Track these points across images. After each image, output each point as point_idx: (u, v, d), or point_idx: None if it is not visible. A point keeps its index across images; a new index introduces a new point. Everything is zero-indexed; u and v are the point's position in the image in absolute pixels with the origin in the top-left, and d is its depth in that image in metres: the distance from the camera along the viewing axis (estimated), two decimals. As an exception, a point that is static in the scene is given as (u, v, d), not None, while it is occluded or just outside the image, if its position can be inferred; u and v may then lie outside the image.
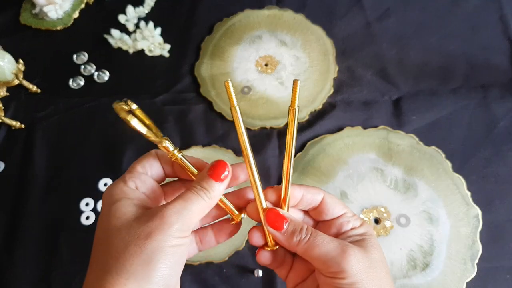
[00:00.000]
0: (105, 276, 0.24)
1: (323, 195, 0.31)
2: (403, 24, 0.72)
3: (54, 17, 0.75)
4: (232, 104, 0.28)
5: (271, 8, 0.75)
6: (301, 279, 0.32)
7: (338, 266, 0.26)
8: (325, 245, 0.27)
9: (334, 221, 0.30)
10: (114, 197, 0.27)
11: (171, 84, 0.68)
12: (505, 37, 0.70)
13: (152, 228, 0.25)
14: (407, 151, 0.60)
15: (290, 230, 0.29)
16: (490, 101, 0.64)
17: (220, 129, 0.64)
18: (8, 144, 0.64)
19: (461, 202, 0.56)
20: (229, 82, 0.28)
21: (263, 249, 0.31)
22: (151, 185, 0.30)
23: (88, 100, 0.67)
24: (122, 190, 0.28)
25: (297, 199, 0.30)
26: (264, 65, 0.69)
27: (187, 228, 0.26)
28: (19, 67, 0.65)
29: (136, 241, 0.24)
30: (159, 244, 0.24)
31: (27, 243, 0.56)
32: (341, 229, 0.30)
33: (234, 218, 0.32)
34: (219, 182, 0.28)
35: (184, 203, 0.27)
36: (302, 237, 0.28)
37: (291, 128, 0.29)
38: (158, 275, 0.24)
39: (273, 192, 0.31)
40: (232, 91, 0.28)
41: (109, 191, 0.28)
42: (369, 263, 0.27)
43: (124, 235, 0.25)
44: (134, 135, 0.65)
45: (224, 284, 0.53)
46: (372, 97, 0.66)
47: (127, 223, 0.26)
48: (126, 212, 0.26)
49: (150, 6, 0.77)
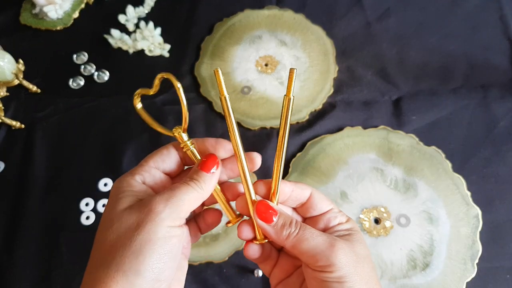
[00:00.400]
0: (98, 268, 0.24)
1: (311, 191, 0.31)
2: (403, 24, 0.72)
3: (54, 17, 0.75)
4: (222, 93, 0.29)
5: (271, 8, 0.75)
6: (285, 275, 0.32)
7: (327, 260, 0.27)
8: (314, 238, 0.28)
9: (322, 217, 0.31)
10: (119, 190, 0.28)
11: (171, 84, 0.68)
12: (505, 37, 0.70)
13: (141, 218, 0.25)
14: (407, 151, 0.60)
15: (280, 223, 0.29)
16: (490, 101, 0.64)
17: (220, 129, 0.64)
18: (8, 144, 0.64)
19: (461, 202, 0.56)
20: (219, 70, 0.28)
21: (251, 242, 0.31)
22: (160, 179, 0.30)
23: (88, 100, 0.67)
24: (129, 183, 0.28)
25: (286, 195, 0.30)
26: (264, 65, 0.69)
27: (176, 217, 0.26)
28: (19, 67, 0.65)
29: (127, 233, 0.25)
30: (149, 236, 0.24)
31: (27, 243, 0.56)
32: (328, 224, 0.30)
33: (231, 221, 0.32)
34: (209, 174, 0.28)
35: (172, 191, 0.27)
36: (291, 230, 0.28)
37: (284, 118, 0.29)
38: (147, 268, 0.24)
39: (263, 185, 0.31)
40: (222, 79, 0.28)
41: (116, 184, 0.28)
42: (356, 258, 0.27)
43: (117, 227, 0.25)
44: (134, 135, 0.65)
45: (224, 284, 0.53)
46: (372, 97, 0.66)
47: (120, 214, 0.26)
48: (123, 204, 0.26)
49: (150, 6, 0.77)
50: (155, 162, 0.30)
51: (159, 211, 0.25)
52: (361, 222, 0.55)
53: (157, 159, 0.30)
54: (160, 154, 0.30)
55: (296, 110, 0.64)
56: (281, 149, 0.30)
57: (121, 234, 0.25)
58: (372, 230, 0.54)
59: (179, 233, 0.26)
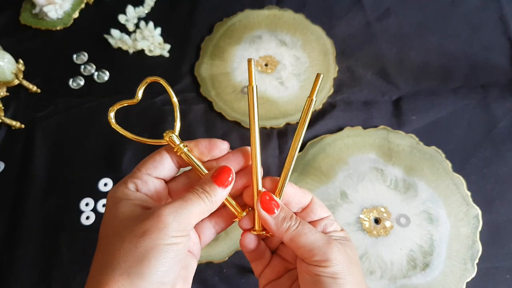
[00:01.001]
0: (102, 272, 0.25)
1: (312, 196, 0.32)
2: (403, 24, 0.72)
3: (54, 17, 0.75)
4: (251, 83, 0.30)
5: (271, 8, 0.75)
6: (275, 277, 0.33)
7: (323, 255, 0.28)
8: (312, 234, 0.29)
9: (320, 222, 0.32)
10: (115, 199, 0.28)
11: (171, 84, 0.67)
12: (505, 37, 0.70)
13: (148, 226, 0.25)
14: (407, 151, 0.60)
15: (281, 215, 0.30)
16: (490, 101, 0.64)
17: (220, 129, 0.64)
18: (8, 144, 0.64)
19: (461, 202, 0.56)
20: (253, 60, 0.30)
21: (249, 231, 0.32)
22: (154, 185, 0.30)
23: (88, 100, 0.67)
24: (123, 192, 0.28)
25: (290, 196, 0.31)
26: (264, 65, 0.69)
27: (183, 228, 0.26)
28: (19, 67, 0.65)
29: (132, 239, 0.25)
30: (154, 242, 0.25)
31: (27, 243, 0.56)
32: (325, 229, 0.31)
33: (237, 216, 0.32)
34: (222, 188, 0.29)
35: (183, 203, 0.27)
36: (291, 224, 0.29)
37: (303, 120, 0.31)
38: (152, 272, 0.25)
39: (271, 182, 0.32)
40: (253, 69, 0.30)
41: (110, 193, 0.29)
42: (349, 259, 0.29)
43: (121, 233, 0.26)
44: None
45: (224, 284, 0.53)
46: (372, 97, 0.66)
47: (125, 222, 0.26)
48: (125, 212, 0.27)
49: (150, 6, 0.77)
50: (147, 169, 0.30)
51: (168, 222, 0.26)
52: (361, 222, 0.55)
53: (149, 166, 0.30)
54: (152, 161, 0.30)
55: (296, 110, 0.64)
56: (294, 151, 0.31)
57: (125, 239, 0.25)
58: (372, 230, 0.54)
59: (185, 240, 0.27)
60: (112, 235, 0.26)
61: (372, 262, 0.53)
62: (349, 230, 0.55)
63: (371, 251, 0.53)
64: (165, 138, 0.31)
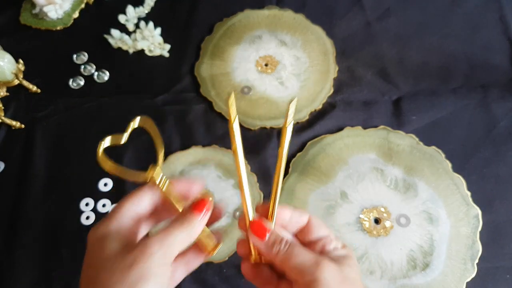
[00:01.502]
0: None
1: (309, 216, 0.33)
2: (403, 24, 0.72)
3: (54, 17, 0.75)
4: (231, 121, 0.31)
5: (271, 8, 0.75)
6: None
7: (311, 275, 0.28)
8: (301, 255, 0.30)
9: (318, 242, 0.32)
10: (97, 236, 0.29)
11: (171, 84, 0.68)
12: (505, 37, 0.70)
13: (135, 256, 0.27)
14: (407, 151, 0.60)
15: (271, 240, 0.31)
16: (490, 101, 0.64)
17: (220, 129, 0.64)
18: (8, 144, 0.64)
19: (461, 202, 0.56)
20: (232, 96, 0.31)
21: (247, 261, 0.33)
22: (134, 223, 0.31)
23: (88, 100, 0.67)
24: (104, 231, 0.30)
25: (286, 219, 0.32)
26: (264, 65, 0.69)
27: (169, 257, 0.29)
28: (19, 67, 0.65)
29: (122, 270, 0.27)
30: (142, 271, 0.27)
31: (27, 243, 0.56)
32: (324, 248, 0.32)
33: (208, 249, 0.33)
34: (199, 220, 0.31)
35: (165, 235, 0.29)
36: (281, 247, 0.30)
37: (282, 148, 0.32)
38: None
39: (263, 208, 0.33)
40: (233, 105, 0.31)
41: (92, 231, 0.30)
42: (342, 279, 0.29)
43: (110, 266, 0.27)
44: (134, 135, 0.65)
45: (224, 284, 0.53)
46: (372, 97, 0.66)
47: (113, 256, 0.28)
48: (110, 247, 0.28)
49: (150, 6, 0.77)
50: (128, 210, 0.31)
51: (154, 252, 0.27)
52: (361, 222, 0.55)
53: (129, 207, 0.31)
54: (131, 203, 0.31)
55: (296, 110, 0.64)
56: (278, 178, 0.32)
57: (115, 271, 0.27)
58: (372, 230, 0.54)
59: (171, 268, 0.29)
60: (101, 269, 0.27)
61: (372, 262, 0.53)
62: (349, 230, 0.55)
63: (371, 251, 0.53)
64: (148, 176, 0.32)
